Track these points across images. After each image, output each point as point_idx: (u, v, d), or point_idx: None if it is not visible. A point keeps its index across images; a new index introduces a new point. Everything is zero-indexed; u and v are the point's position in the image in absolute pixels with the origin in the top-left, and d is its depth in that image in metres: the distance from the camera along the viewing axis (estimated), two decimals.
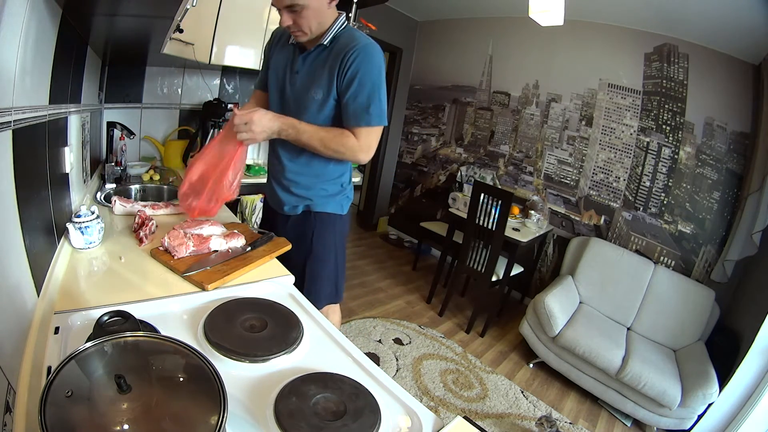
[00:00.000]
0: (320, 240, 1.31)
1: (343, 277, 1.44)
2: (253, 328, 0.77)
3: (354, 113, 1.11)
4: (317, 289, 1.33)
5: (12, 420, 0.57)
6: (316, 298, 1.34)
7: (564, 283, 2.48)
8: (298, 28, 1.06)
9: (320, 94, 1.13)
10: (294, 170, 1.27)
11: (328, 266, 1.34)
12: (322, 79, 1.12)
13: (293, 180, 1.28)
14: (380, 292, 2.93)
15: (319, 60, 1.14)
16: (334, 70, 1.09)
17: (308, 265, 1.30)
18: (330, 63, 1.11)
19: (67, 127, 1.10)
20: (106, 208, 1.35)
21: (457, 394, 1.98)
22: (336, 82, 1.10)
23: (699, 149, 2.43)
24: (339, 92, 1.11)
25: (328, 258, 1.34)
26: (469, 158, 3.59)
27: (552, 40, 2.96)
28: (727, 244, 2.28)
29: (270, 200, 1.42)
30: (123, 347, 0.53)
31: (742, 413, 1.77)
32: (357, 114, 1.10)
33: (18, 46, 0.66)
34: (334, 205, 1.32)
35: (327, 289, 1.36)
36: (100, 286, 0.89)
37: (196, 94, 2.35)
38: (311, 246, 1.31)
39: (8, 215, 0.66)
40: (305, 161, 1.25)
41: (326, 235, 1.32)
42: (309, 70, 1.16)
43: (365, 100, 1.09)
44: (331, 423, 0.57)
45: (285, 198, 1.31)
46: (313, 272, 1.31)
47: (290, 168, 1.27)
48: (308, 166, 1.25)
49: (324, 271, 1.34)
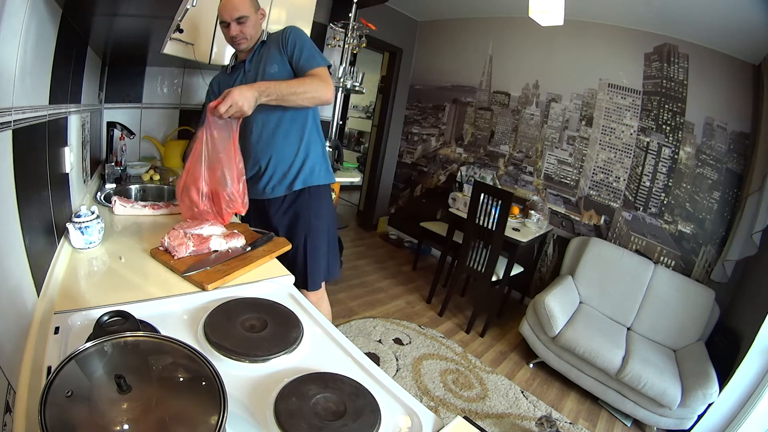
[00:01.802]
0: (318, 214, 1.44)
1: (336, 249, 1.57)
2: (253, 328, 0.77)
3: (307, 61, 1.31)
4: (319, 264, 1.46)
5: (12, 420, 0.57)
6: (318, 274, 1.48)
7: (564, 283, 2.48)
8: (243, 36, 1.31)
9: (275, 67, 1.31)
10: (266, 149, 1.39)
11: (324, 239, 1.47)
12: (273, 57, 1.32)
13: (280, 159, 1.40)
14: (380, 292, 2.93)
15: (263, 52, 1.36)
16: (278, 46, 1.33)
17: (309, 242, 1.43)
18: (272, 46, 1.34)
19: (67, 127, 1.10)
20: (106, 208, 1.35)
21: (457, 394, 1.98)
22: (283, 52, 1.32)
23: (699, 149, 2.43)
24: (289, 58, 1.32)
25: (324, 229, 1.47)
26: (469, 158, 3.59)
27: (552, 40, 2.96)
28: (727, 244, 2.28)
29: (255, 193, 1.45)
30: (123, 347, 0.53)
31: (742, 413, 1.77)
32: (309, 60, 1.30)
33: (18, 47, 0.66)
34: (324, 175, 1.46)
35: (324, 263, 1.49)
36: (100, 286, 0.89)
37: (196, 94, 2.35)
38: (311, 221, 1.43)
39: (8, 215, 0.66)
40: (270, 139, 1.38)
41: (322, 206, 1.46)
42: (257, 62, 1.36)
43: (309, 50, 1.32)
44: (331, 423, 0.57)
45: (280, 178, 1.41)
46: (316, 247, 1.44)
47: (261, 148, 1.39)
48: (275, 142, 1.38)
49: (322, 244, 1.47)
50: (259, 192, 1.44)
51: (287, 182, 1.41)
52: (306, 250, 1.43)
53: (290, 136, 1.39)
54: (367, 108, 6.33)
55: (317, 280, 1.49)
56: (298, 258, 1.44)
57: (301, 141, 1.41)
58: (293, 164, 1.41)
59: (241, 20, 1.27)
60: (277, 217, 1.45)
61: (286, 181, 1.41)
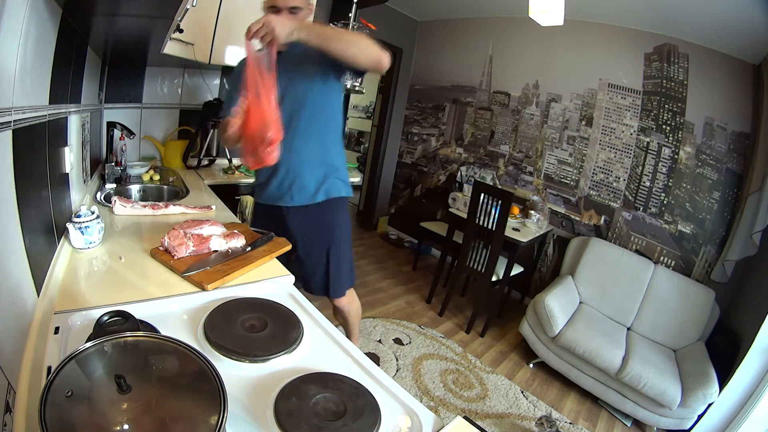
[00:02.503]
0: (340, 225, 1.42)
1: (352, 255, 1.57)
2: (253, 328, 0.77)
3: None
4: (342, 273, 1.45)
5: (12, 420, 0.57)
6: (342, 283, 1.48)
7: (564, 283, 2.48)
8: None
9: (313, 67, 1.25)
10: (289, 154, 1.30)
11: (347, 248, 1.46)
12: (312, 54, 1.18)
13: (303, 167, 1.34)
14: (380, 292, 2.93)
15: (301, 48, 1.22)
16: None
17: (332, 252, 1.41)
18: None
19: (67, 127, 1.10)
20: (106, 208, 1.35)
21: (457, 394, 1.98)
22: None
23: (699, 149, 2.43)
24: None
25: (346, 240, 1.45)
26: (469, 158, 3.59)
27: (552, 40, 2.96)
28: (727, 244, 2.28)
29: (271, 197, 1.41)
30: (123, 347, 0.53)
31: (742, 413, 1.77)
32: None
33: (18, 47, 0.66)
34: (345, 187, 1.43)
35: (347, 272, 1.48)
36: (100, 286, 0.89)
37: (196, 94, 2.35)
38: (334, 233, 1.41)
39: (8, 215, 0.66)
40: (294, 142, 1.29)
41: (343, 218, 1.44)
42: (294, 57, 1.26)
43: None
44: (331, 423, 0.57)
45: (302, 187, 1.35)
46: (338, 258, 1.43)
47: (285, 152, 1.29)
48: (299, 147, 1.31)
49: (344, 254, 1.45)
50: (276, 197, 1.39)
51: (309, 192, 1.36)
52: (329, 260, 1.42)
53: (315, 144, 1.34)
54: (367, 108, 6.32)
55: (342, 288, 1.50)
56: (319, 268, 1.43)
57: (325, 150, 1.36)
58: (317, 174, 1.35)
59: (294, 10, 1.22)
60: (296, 226, 1.40)
61: (308, 191, 1.36)
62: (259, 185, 1.46)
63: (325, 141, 1.36)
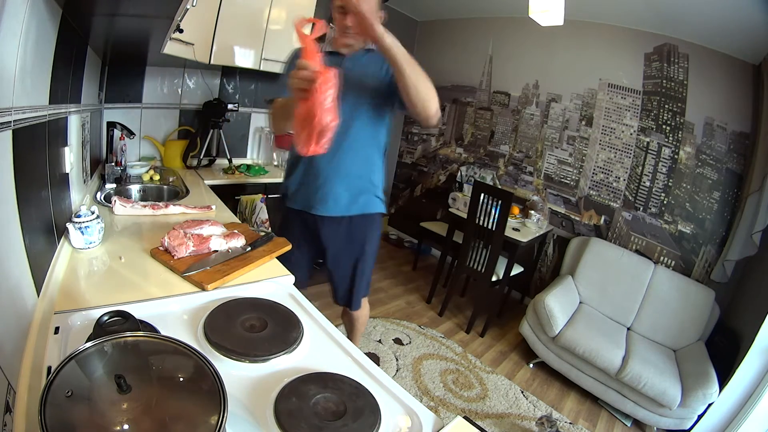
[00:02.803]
0: (371, 241, 1.44)
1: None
2: (253, 328, 0.77)
3: None
4: (362, 284, 1.48)
5: (12, 420, 0.57)
6: (360, 293, 1.51)
7: (564, 283, 2.48)
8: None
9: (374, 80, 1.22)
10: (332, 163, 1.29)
11: (371, 263, 1.49)
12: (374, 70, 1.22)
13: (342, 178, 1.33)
14: (380, 292, 2.93)
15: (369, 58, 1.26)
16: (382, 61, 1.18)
17: (359, 265, 1.44)
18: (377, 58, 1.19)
19: (67, 127, 1.10)
20: (106, 208, 1.35)
21: (457, 394, 1.98)
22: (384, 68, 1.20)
23: (699, 149, 2.42)
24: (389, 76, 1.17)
25: (372, 255, 1.48)
26: (469, 158, 3.59)
27: (552, 40, 2.96)
28: (727, 244, 2.28)
29: (306, 203, 1.37)
30: (123, 347, 0.53)
31: (742, 413, 1.77)
32: None
33: (18, 46, 0.66)
34: (380, 204, 1.43)
35: (366, 284, 1.51)
36: (100, 286, 0.89)
37: (196, 94, 2.35)
38: (364, 247, 1.42)
39: (8, 215, 0.66)
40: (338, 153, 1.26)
41: (375, 234, 1.46)
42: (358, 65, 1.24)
43: None
44: (331, 423, 0.57)
45: (337, 198, 1.34)
46: (363, 270, 1.45)
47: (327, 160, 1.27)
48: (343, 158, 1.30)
49: (369, 268, 1.49)
50: (310, 204, 1.36)
51: (343, 204, 1.34)
52: (355, 273, 1.44)
53: (357, 158, 1.32)
54: None
55: (360, 300, 1.52)
56: (344, 280, 1.46)
57: (366, 165, 1.34)
58: (353, 187, 1.34)
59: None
60: (329, 236, 1.40)
61: (343, 203, 1.34)
62: (293, 190, 1.41)
63: (368, 157, 1.34)
